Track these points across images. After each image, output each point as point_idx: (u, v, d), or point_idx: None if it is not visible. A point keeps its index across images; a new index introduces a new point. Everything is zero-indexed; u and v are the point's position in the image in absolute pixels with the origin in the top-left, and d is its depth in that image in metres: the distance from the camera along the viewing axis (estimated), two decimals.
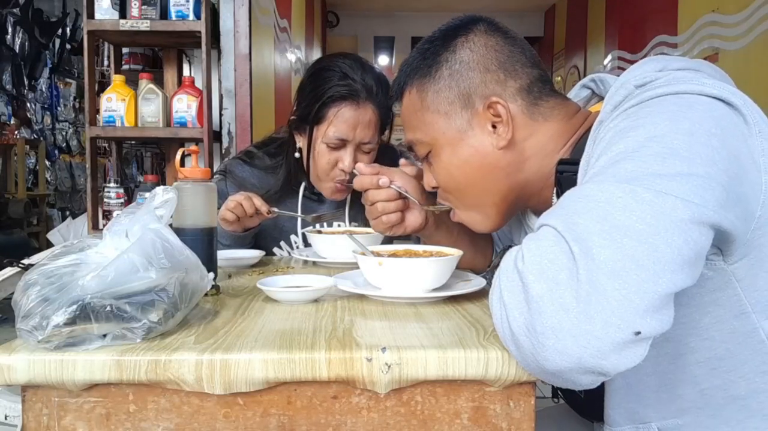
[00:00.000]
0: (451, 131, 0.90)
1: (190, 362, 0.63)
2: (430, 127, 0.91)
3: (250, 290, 0.98)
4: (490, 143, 0.88)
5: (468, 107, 0.88)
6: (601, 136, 0.72)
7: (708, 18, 3.60)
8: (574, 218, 0.60)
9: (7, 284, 1.37)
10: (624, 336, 0.55)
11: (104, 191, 2.33)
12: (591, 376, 0.58)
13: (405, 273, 0.86)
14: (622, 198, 0.59)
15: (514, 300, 0.60)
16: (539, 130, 0.88)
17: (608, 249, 0.57)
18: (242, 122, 2.61)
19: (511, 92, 0.88)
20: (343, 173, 1.41)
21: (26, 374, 0.63)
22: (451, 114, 0.89)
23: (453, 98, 0.89)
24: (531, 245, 0.62)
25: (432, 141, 0.92)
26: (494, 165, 0.89)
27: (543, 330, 0.57)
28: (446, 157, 0.91)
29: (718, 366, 0.72)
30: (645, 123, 0.66)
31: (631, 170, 0.62)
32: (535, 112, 0.88)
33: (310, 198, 1.53)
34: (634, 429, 0.78)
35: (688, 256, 0.58)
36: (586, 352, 0.55)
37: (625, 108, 0.72)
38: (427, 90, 0.91)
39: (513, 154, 0.88)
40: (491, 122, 0.88)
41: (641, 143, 0.64)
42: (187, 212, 0.92)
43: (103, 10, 2.31)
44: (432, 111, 0.91)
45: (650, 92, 0.70)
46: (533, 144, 0.88)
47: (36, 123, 6.03)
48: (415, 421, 0.67)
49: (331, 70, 1.40)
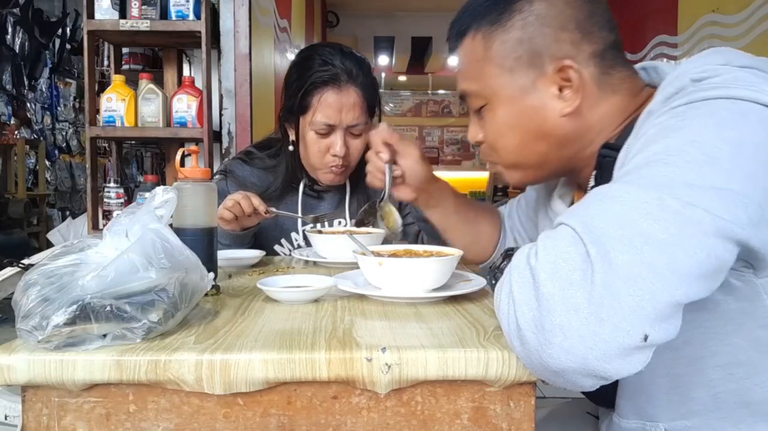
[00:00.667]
0: (512, 89, 0.84)
1: (190, 362, 0.63)
2: (491, 80, 0.86)
3: (250, 290, 0.98)
4: (552, 107, 0.82)
5: (535, 66, 0.82)
6: (644, 130, 0.69)
7: (708, 18, 3.60)
8: (596, 220, 0.59)
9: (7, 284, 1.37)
10: (632, 341, 0.55)
11: (104, 191, 2.33)
12: (592, 379, 0.58)
13: (405, 273, 0.86)
14: (648, 204, 0.58)
15: (524, 296, 0.60)
16: (604, 102, 0.83)
17: (627, 255, 0.56)
18: (242, 122, 2.60)
19: (584, 57, 0.81)
20: (336, 158, 1.41)
21: (26, 374, 0.63)
22: (516, 70, 0.83)
23: (521, 53, 0.82)
24: (547, 243, 0.61)
25: (489, 95, 0.87)
26: (551, 131, 0.84)
27: (551, 327, 0.57)
28: (502, 115, 0.86)
29: (735, 372, 0.71)
30: (690, 125, 0.64)
31: (663, 176, 0.60)
32: (605, 82, 0.82)
33: (310, 196, 1.54)
34: (641, 425, 0.77)
35: (707, 269, 0.57)
36: (592, 353, 0.55)
37: (674, 105, 0.68)
38: (494, 39, 0.84)
39: (574, 123, 0.83)
40: (558, 86, 0.82)
41: (681, 147, 0.61)
42: (187, 212, 0.92)
43: (103, 10, 2.31)
44: (495, 63, 0.85)
45: (704, 92, 0.67)
46: (595, 116, 0.83)
47: (36, 123, 6.03)
48: (415, 421, 0.66)
49: (311, 59, 1.42)
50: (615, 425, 0.81)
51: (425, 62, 9.39)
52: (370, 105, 1.45)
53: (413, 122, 12.00)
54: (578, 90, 0.81)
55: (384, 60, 8.86)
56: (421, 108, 12.01)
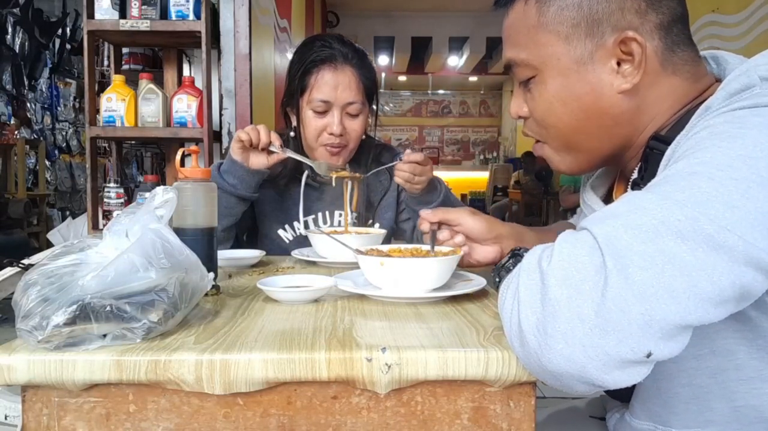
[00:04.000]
0: (566, 59, 0.77)
1: (190, 362, 0.63)
2: (543, 49, 0.78)
3: (250, 290, 0.98)
4: (610, 82, 0.76)
5: (594, 36, 0.75)
6: (699, 128, 0.64)
7: (708, 18, 3.60)
8: (620, 231, 0.56)
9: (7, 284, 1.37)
10: (634, 357, 0.55)
11: (104, 191, 2.33)
12: (588, 386, 0.58)
13: (406, 273, 0.86)
14: (681, 223, 0.55)
15: (530, 299, 0.59)
16: (664, 82, 0.76)
17: (647, 272, 0.54)
18: (242, 122, 2.61)
19: (649, 28, 0.74)
20: (332, 136, 1.44)
21: (26, 374, 0.63)
22: (572, 39, 0.76)
23: (579, 20, 0.76)
24: (563, 248, 0.59)
25: (540, 65, 0.79)
26: (606, 109, 0.77)
27: (554, 333, 0.56)
28: (554, 87, 0.79)
29: (759, 387, 0.69)
30: (747, 135, 0.58)
31: (704, 192, 0.56)
32: (668, 60, 0.75)
33: (312, 186, 1.55)
34: (653, 428, 0.76)
35: (729, 296, 0.55)
36: (592, 363, 0.55)
37: (736, 106, 0.63)
38: (551, 4, 0.77)
39: (631, 102, 0.76)
40: (618, 59, 0.75)
41: (731, 161, 0.57)
42: (187, 212, 0.92)
43: (103, 10, 2.31)
44: (549, 30, 0.77)
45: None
46: (653, 96, 0.76)
47: (36, 123, 6.03)
48: (415, 421, 0.66)
49: (312, 43, 1.47)
50: (626, 423, 0.80)
51: (425, 62, 9.40)
52: (367, 88, 1.47)
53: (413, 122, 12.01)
54: (639, 65, 0.74)
55: (384, 60, 8.86)
56: (421, 108, 12.02)
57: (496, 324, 0.74)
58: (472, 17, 7.90)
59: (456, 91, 11.94)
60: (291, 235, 1.54)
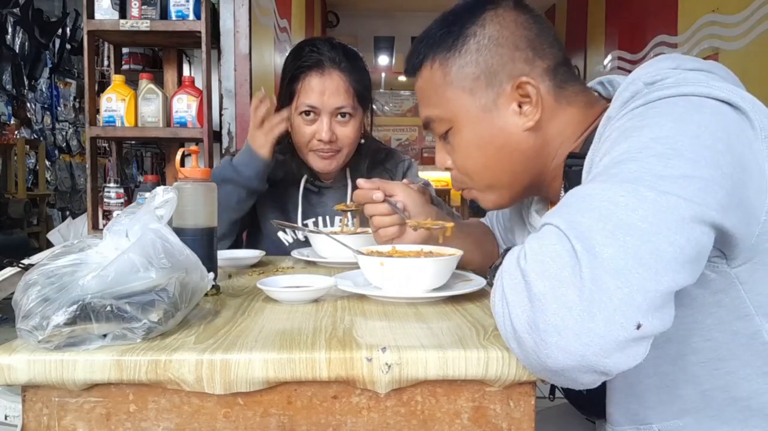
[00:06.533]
0: (474, 109, 0.87)
1: (190, 362, 0.63)
2: (452, 103, 0.89)
3: (250, 290, 0.98)
4: (515, 123, 0.86)
5: (494, 86, 0.86)
6: (606, 134, 0.72)
7: (708, 18, 3.60)
8: (577, 216, 0.60)
9: (7, 284, 1.37)
10: (626, 334, 0.55)
11: (104, 191, 2.33)
12: (593, 375, 0.58)
13: (406, 273, 0.86)
14: (625, 197, 0.59)
15: (517, 298, 0.60)
16: (562, 114, 0.87)
17: (611, 248, 0.56)
18: (242, 122, 2.61)
19: (538, 72, 0.86)
20: (321, 142, 1.44)
21: (26, 374, 0.63)
22: (476, 91, 0.87)
23: (479, 74, 0.86)
24: (533, 244, 0.62)
25: (453, 119, 0.90)
26: (516, 147, 0.87)
27: (545, 327, 0.57)
28: (467, 135, 0.89)
29: (720, 367, 0.72)
30: (650, 124, 0.66)
31: (634, 171, 0.61)
32: (560, 95, 0.86)
33: (310, 191, 1.55)
34: (635, 429, 0.78)
35: (690, 255, 0.58)
36: (589, 350, 0.55)
37: (632, 107, 0.71)
38: (452, 65, 0.88)
39: (536, 137, 0.87)
40: (518, 102, 0.86)
41: (645, 144, 0.64)
42: (187, 212, 0.92)
43: (103, 10, 2.31)
44: (455, 87, 0.88)
45: (658, 93, 0.70)
46: (555, 128, 0.87)
47: (36, 123, 6.03)
48: (415, 421, 0.67)
49: (300, 49, 1.47)
50: None
51: None
52: (358, 92, 1.46)
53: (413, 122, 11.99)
54: (537, 104, 0.85)
55: (384, 60, 8.85)
56: None
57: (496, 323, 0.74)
58: None
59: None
60: (291, 238, 1.54)
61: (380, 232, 1.07)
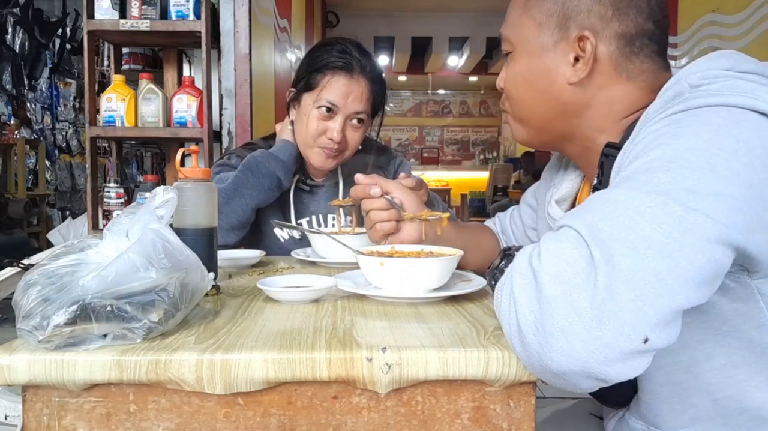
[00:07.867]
0: (534, 43, 0.86)
1: (190, 362, 0.63)
2: (521, 30, 0.88)
3: (250, 290, 0.98)
4: (563, 72, 0.85)
5: (561, 29, 0.84)
6: (641, 137, 0.69)
7: (708, 18, 3.60)
8: (599, 223, 0.59)
9: (7, 284, 1.37)
10: (632, 346, 0.55)
11: (104, 191, 2.33)
12: (592, 381, 0.58)
13: (406, 273, 0.86)
14: (652, 209, 0.58)
15: (526, 298, 0.60)
16: (616, 86, 0.84)
17: (630, 259, 0.56)
18: (242, 122, 2.61)
19: (609, 33, 0.82)
20: (331, 141, 1.44)
21: (26, 374, 0.63)
22: (544, 27, 0.86)
23: (553, 12, 0.85)
24: (550, 245, 0.61)
25: (516, 44, 0.89)
26: (556, 95, 0.86)
27: (552, 330, 0.57)
28: (520, 66, 0.89)
29: (733, 375, 0.71)
30: (687, 133, 0.64)
31: (665, 182, 0.60)
32: (622, 65, 0.83)
33: (302, 190, 1.56)
34: (645, 428, 0.78)
35: (707, 275, 0.58)
36: (593, 357, 0.55)
37: (671, 112, 0.69)
38: None
39: (579, 95, 0.85)
40: (575, 54, 0.84)
41: (680, 154, 0.62)
42: (187, 212, 0.92)
43: (103, 10, 2.31)
44: (529, 16, 0.87)
45: (700, 100, 0.67)
46: (603, 97, 0.84)
47: (36, 123, 6.02)
48: (415, 421, 0.66)
49: (330, 45, 1.47)
50: (624, 423, 0.82)
51: (425, 62, 9.39)
52: (376, 101, 1.48)
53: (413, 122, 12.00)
54: (588, 63, 0.82)
55: (384, 60, 8.86)
56: (421, 108, 12.01)
57: (496, 323, 0.74)
58: (472, 17, 7.89)
59: (456, 91, 11.93)
60: (287, 234, 1.55)
61: (377, 226, 1.07)
